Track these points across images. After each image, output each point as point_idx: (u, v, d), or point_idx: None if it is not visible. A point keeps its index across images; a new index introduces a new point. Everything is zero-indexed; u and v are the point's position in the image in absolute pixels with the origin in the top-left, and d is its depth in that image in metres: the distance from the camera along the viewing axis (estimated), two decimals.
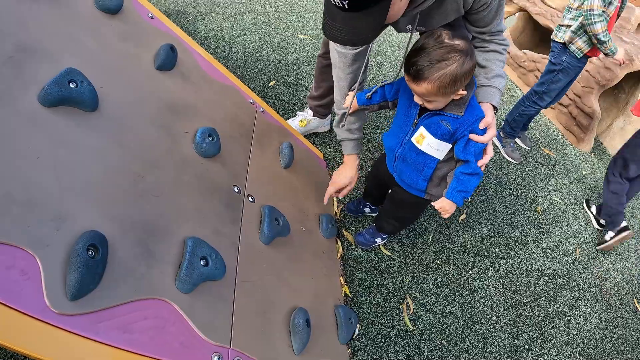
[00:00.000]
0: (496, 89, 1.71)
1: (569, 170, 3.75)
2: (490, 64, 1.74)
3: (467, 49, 1.43)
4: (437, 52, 1.40)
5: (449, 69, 1.40)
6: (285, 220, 1.81)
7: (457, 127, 1.57)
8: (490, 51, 1.75)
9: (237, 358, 1.32)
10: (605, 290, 2.81)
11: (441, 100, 1.52)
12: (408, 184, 1.86)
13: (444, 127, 1.59)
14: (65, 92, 1.30)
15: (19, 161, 1.12)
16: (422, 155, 1.70)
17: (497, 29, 1.69)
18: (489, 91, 1.71)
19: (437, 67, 1.40)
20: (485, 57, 1.76)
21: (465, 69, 1.43)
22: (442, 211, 1.69)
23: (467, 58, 1.42)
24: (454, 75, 1.41)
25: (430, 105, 1.54)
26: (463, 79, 1.45)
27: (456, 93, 1.51)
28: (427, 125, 1.63)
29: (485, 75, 1.74)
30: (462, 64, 1.41)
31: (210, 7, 3.84)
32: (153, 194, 1.39)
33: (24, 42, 1.35)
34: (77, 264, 1.05)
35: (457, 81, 1.43)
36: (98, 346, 1.04)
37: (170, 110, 1.67)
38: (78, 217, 1.15)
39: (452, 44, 1.41)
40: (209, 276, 1.34)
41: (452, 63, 1.40)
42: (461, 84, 1.47)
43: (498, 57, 1.76)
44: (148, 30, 1.86)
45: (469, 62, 1.43)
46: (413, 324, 2.12)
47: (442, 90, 1.44)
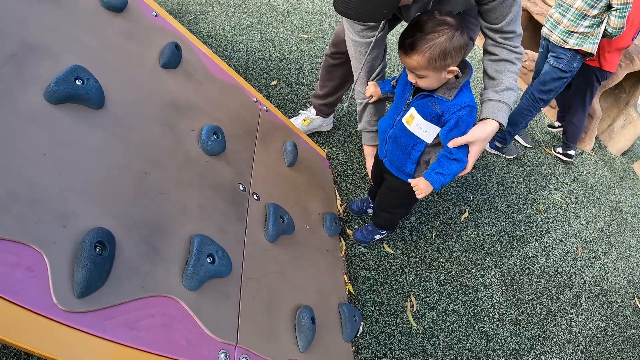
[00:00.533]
0: (504, 104, 1.68)
1: (570, 169, 3.75)
2: (501, 76, 1.72)
3: (458, 25, 1.46)
4: (427, 25, 1.44)
5: (438, 41, 1.43)
6: (290, 218, 1.82)
7: (445, 110, 1.58)
8: (501, 60, 1.71)
9: (244, 355, 1.32)
10: (607, 289, 2.81)
11: (432, 76, 1.52)
12: (397, 167, 1.86)
13: (432, 109, 1.60)
14: (71, 89, 1.30)
15: (24, 158, 1.12)
16: (411, 137, 1.71)
17: (510, 28, 1.65)
18: (496, 106, 1.68)
19: (427, 39, 1.43)
20: (496, 68, 1.73)
21: (455, 43, 1.45)
22: (416, 190, 1.70)
23: (456, 32, 1.45)
24: (443, 48, 1.43)
25: (423, 82, 1.55)
26: (453, 53, 1.46)
27: (448, 70, 1.50)
28: (418, 106, 1.64)
29: (495, 88, 1.72)
30: (452, 37, 1.44)
31: (212, 7, 3.84)
32: (158, 192, 1.39)
33: (28, 40, 1.35)
34: (84, 260, 1.05)
35: (446, 55, 1.45)
36: (105, 344, 1.04)
37: (175, 108, 1.67)
38: (84, 214, 1.16)
39: (443, 19, 1.45)
40: (216, 273, 1.35)
41: (441, 35, 1.43)
42: (452, 60, 1.48)
43: (510, 67, 1.72)
44: (153, 28, 1.86)
45: (459, 37, 1.46)
46: (417, 322, 2.12)
47: (432, 63, 1.46)
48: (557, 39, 3.07)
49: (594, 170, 3.89)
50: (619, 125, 4.27)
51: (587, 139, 4.06)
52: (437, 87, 1.58)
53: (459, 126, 1.58)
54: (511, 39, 1.68)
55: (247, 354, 1.33)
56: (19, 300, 0.94)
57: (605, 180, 3.83)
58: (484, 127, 1.63)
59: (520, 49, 1.71)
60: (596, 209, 3.46)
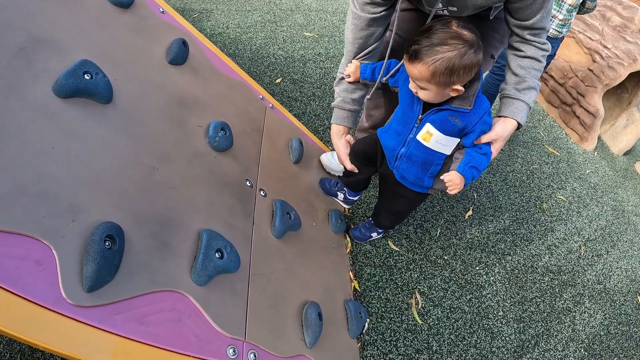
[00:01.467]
0: (525, 103, 1.61)
1: (572, 168, 3.75)
2: (525, 73, 1.62)
3: (474, 42, 1.34)
4: (440, 35, 1.32)
5: (447, 55, 1.31)
6: (296, 214, 1.82)
7: (467, 122, 1.49)
8: (527, 57, 1.62)
9: (252, 351, 1.32)
10: (609, 287, 2.81)
11: (433, 91, 1.41)
12: (411, 182, 1.77)
13: (453, 123, 1.50)
14: (80, 83, 1.30)
15: (33, 152, 1.12)
16: (430, 153, 1.62)
17: (541, 25, 1.54)
18: (516, 105, 1.61)
19: (435, 50, 1.31)
20: (520, 64, 1.63)
21: (466, 61, 1.33)
22: (450, 185, 1.55)
23: (470, 50, 1.33)
24: (451, 64, 1.32)
25: (422, 94, 1.45)
26: (461, 72, 1.34)
27: (452, 87, 1.39)
28: (434, 122, 1.53)
29: (516, 85, 1.63)
30: (463, 54, 1.32)
31: (216, 5, 3.83)
32: (167, 187, 1.40)
33: (37, 34, 1.35)
34: (94, 254, 1.05)
35: (453, 72, 1.33)
36: (115, 338, 1.04)
37: (182, 104, 1.67)
38: (93, 208, 1.16)
39: (459, 32, 1.33)
40: (224, 269, 1.35)
41: (452, 50, 1.31)
42: (458, 78, 1.36)
43: (535, 65, 1.62)
44: (159, 24, 1.86)
45: (472, 56, 1.34)
46: (422, 319, 2.13)
47: (435, 77, 1.35)
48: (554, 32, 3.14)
49: (597, 170, 3.89)
50: (621, 124, 4.27)
51: (590, 138, 4.05)
52: (439, 102, 1.49)
53: (487, 128, 1.55)
54: (540, 34, 1.59)
55: (255, 350, 1.34)
56: (27, 294, 0.94)
57: (607, 180, 3.83)
58: (505, 126, 1.58)
59: (548, 45, 1.62)
60: (599, 208, 3.46)
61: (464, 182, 1.55)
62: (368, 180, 2.14)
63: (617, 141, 4.28)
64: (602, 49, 3.99)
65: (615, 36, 4.02)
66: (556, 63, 4.34)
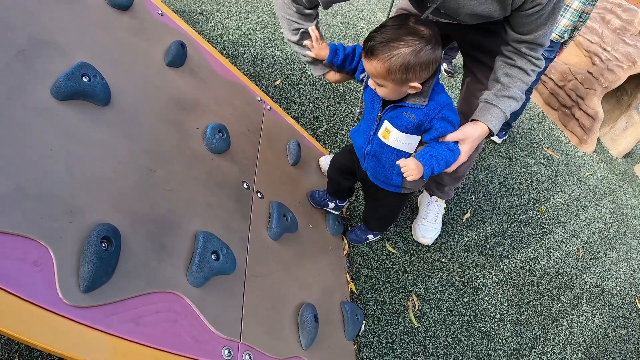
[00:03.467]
0: (501, 111, 1.58)
1: (571, 171, 3.76)
2: (509, 82, 1.60)
3: (432, 38, 1.30)
4: (396, 31, 1.29)
5: (402, 52, 1.27)
6: (293, 216, 1.83)
7: (423, 119, 1.46)
8: (516, 67, 1.60)
9: (247, 352, 1.33)
10: (607, 290, 2.82)
11: (390, 88, 1.38)
12: (382, 181, 1.76)
13: (408, 120, 1.47)
14: (78, 85, 1.31)
15: (31, 154, 1.13)
16: (392, 150, 1.59)
17: (541, 41, 1.53)
18: (491, 111, 1.59)
19: (390, 47, 1.28)
20: (507, 72, 1.61)
21: (422, 58, 1.29)
22: (404, 170, 1.46)
23: (427, 47, 1.29)
24: (406, 61, 1.28)
25: (380, 91, 1.42)
26: (417, 68, 1.31)
27: (409, 85, 1.36)
28: (391, 119, 1.51)
29: (497, 92, 1.61)
30: (419, 50, 1.28)
31: (216, 6, 3.85)
32: (164, 189, 1.40)
33: (36, 36, 1.36)
34: (90, 256, 1.05)
35: (409, 69, 1.30)
36: (111, 339, 1.05)
37: (180, 106, 1.68)
38: (90, 210, 1.16)
39: (415, 27, 1.29)
40: (220, 270, 1.36)
41: (407, 46, 1.27)
42: (415, 75, 1.33)
43: (523, 77, 1.60)
44: (158, 26, 1.87)
45: (429, 52, 1.30)
46: (418, 321, 2.13)
47: (391, 74, 1.32)
48: (557, 37, 3.16)
49: (596, 172, 3.90)
50: (621, 127, 4.28)
51: (589, 140, 4.06)
52: (398, 99, 1.46)
53: (447, 125, 1.48)
54: (536, 50, 1.57)
55: (251, 351, 1.34)
56: (25, 295, 0.94)
57: (606, 182, 3.83)
58: (475, 127, 1.56)
59: (541, 62, 1.60)
60: (597, 210, 3.46)
61: (422, 170, 1.45)
62: (352, 188, 2.17)
63: (616, 144, 4.29)
64: (601, 52, 4.00)
65: (615, 39, 4.03)
66: (555, 65, 4.35)
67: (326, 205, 2.23)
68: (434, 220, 2.52)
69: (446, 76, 4.36)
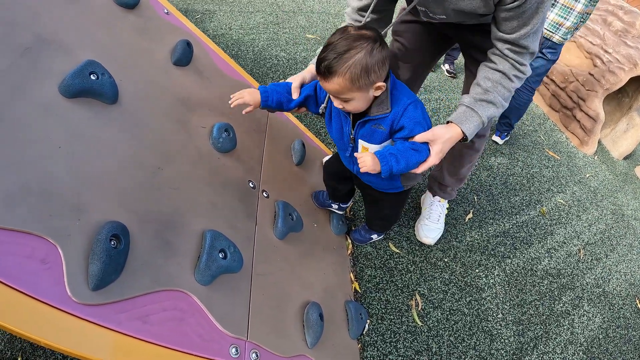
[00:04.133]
0: (477, 115, 1.55)
1: (572, 172, 3.76)
2: (490, 86, 1.55)
3: (376, 37, 1.33)
4: (342, 43, 1.30)
5: (357, 57, 1.29)
6: (298, 215, 1.83)
7: (391, 124, 1.46)
8: (497, 71, 1.55)
9: (254, 350, 1.33)
10: (608, 291, 2.82)
11: (359, 97, 1.39)
12: (384, 188, 1.79)
13: (379, 131, 1.49)
14: (86, 83, 1.31)
15: (39, 151, 1.13)
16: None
17: (524, 42, 1.46)
18: (467, 115, 1.56)
19: (345, 58, 1.29)
20: (488, 76, 1.56)
21: (377, 57, 1.32)
22: (360, 162, 1.46)
23: (375, 45, 1.32)
24: (364, 64, 1.30)
25: (350, 106, 1.42)
26: (377, 67, 1.33)
27: (374, 86, 1.38)
28: (364, 137, 1.54)
29: (475, 95, 1.57)
30: (371, 50, 1.30)
31: (219, 6, 3.85)
32: (171, 187, 1.41)
33: (42, 34, 1.36)
34: (100, 253, 1.05)
35: (369, 71, 1.32)
36: (119, 336, 1.05)
37: (187, 105, 1.69)
38: (98, 208, 1.17)
39: (358, 33, 1.32)
40: (227, 269, 1.36)
41: (359, 51, 1.29)
42: (376, 75, 1.35)
43: (504, 81, 1.54)
44: (164, 25, 1.88)
45: (380, 50, 1.32)
46: (421, 321, 2.14)
47: (355, 82, 1.32)
48: (560, 39, 3.16)
49: (597, 174, 3.90)
50: (622, 129, 4.28)
51: (590, 142, 4.06)
52: (367, 107, 1.46)
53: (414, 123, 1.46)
54: (521, 54, 1.51)
55: (257, 349, 1.35)
56: (32, 292, 0.94)
57: (607, 184, 3.84)
58: (447, 129, 1.52)
59: (526, 69, 1.55)
60: (598, 212, 3.47)
61: (378, 166, 1.44)
62: (352, 190, 2.16)
63: (617, 145, 4.29)
64: (603, 54, 4.00)
65: (617, 41, 4.03)
66: (557, 67, 4.36)
67: (330, 206, 2.24)
68: (437, 220, 2.53)
69: (448, 77, 4.36)
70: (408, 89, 1.52)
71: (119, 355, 1.02)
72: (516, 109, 3.57)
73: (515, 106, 3.56)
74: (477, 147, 2.27)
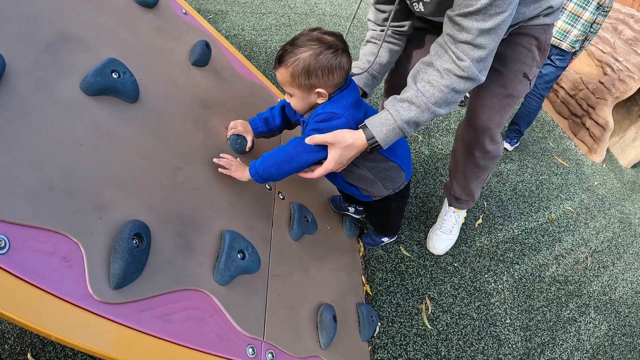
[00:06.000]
0: (389, 115, 1.39)
1: (581, 180, 3.77)
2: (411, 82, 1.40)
3: (335, 44, 1.34)
4: (301, 39, 1.35)
5: (303, 56, 1.32)
6: (313, 218, 1.84)
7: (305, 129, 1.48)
8: (428, 64, 1.38)
9: (270, 351, 1.34)
10: (615, 299, 2.83)
11: (298, 95, 1.42)
12: (359, 196, 1.80)
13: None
14: (108, 81, 1.31)
15: (61, 148, 1.13)
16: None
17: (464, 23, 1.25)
18: (380, 117, 1.41)
19: (294, 53, 1.33)
20: (414, 72, 1.42)
21: (322, 61, 1.32)
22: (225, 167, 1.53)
23: (327, 51, 1.33)
24: (306, 65, 1.32)
25: (291, 101, 1.46)
26: (319, 72, 1.34)
27: (315, 91, 1.39)
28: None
29: (396, 97, 1.42)
30: (318, 54, 1.32)
31: (231, 7, 3.86)
32: (191, 187, 1.41)
33: (64, 30, 1.35)
34: (122, 252, 1.05)
35: (310, 73, 1.33)
36: (140, 335, 1.05)
37: (205, 105, 1.69)
38: (120, 206, 1.17)
39: (320, 36, 1.35)
40: (246, 269, 1.37)
41: (307, 50, 1.32)
42: (318, 80, 1.35)
43: (433, 77, 1.35)
44: (182, 25, 1.88)
45: (330, 56, 1.33)
46: (431, 324, 2.15)
47: (295, 79, 1.35)
48: (569, 46, 3.19)
49: (605, 182, 3.91)
50: (630, 137, 4.28)
51: (599, 150, 4.06)
52: (307, 111, 1.49)
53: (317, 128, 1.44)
54: (460, 44, 1.30)
55: (273, 350, 1.35)
56: (54, 290, 0.94)
57: (615, 192, 3.84)
58: (351, 134, 1.41)
59: (464, 64, 1.31)
60: (606, 219, 3.47)
61: (245, 170, 1.53)
62: None
63: (625, 154, 4.29)
64: (613, 62, 4.01)
65: (627, 49, 4.04)
66: (567, 74, 4.36)
67: (346, 209, 2.27)
68: (449, 231, 2.50)
69: None
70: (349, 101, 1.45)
71: (139, 354, 1.03)
72: (526, 115, 3.59)
73: (525, 113, 3.58)
74: (482, 164, 2.11)
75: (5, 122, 1.05)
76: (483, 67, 1.34)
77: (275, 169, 1.48)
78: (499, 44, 1.35)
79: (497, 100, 1.81)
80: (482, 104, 1.84)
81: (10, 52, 1.15)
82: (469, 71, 1.31)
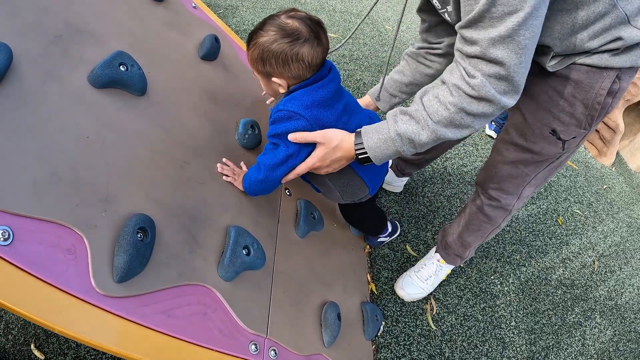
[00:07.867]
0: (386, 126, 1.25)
1: (590, 183, 3.74)
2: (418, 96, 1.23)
3: (294, 33, 1.24)
4: (266, 23, 1.28)
5: (259, 41, 1.26)
6: (319, 215, 1.83)
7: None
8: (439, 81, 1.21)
9: (273, 348, 1.33)
10: (621, 304, 2.81)
11: (262, 80, 1.40)
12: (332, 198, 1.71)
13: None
14: (115, 74, 1.31)
15: (67, 140, 1.13)
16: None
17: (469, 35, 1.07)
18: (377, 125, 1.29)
19: (254, 37, 1.29)
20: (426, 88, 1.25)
21: (274, 49, 1.24)
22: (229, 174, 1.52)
23: (283, 40, 1.24)
24: (261, 51, 1.26)
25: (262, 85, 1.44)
26: (273, 61, 1.27)
27: (272, 79, 1.33)
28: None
29: (402, 108, 1.26)
30: (272, 42, 1.24)
31: (241, 2, 3.83)
32: (197, 181, 1.41)
33: (73, 22, 1.35)
34: (126, 246, 1.05)
35: (264, 60, 1.28)
36: (142, 330, 1.05)
37: (213, 99, 1.69)
38: (125, 199, 1.17)
39: (283, 21, 1.25)
40: (251, 265, 1.36)
41: (263, 36, 1.25)
42: (271, 68, 1.29)
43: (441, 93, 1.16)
44: (192, 19, 1.88)
45: (284, 45, 1.24)
46: (436, 325, 2.14)
47: (253, 64, 1.33)
48: None
49: (614, 186, 3.88)
50: None
51: (609, 153, 4.03)
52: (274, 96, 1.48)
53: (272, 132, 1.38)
54: (472, 58, 1.09)
55: (276, 347, 1.35)
56: (56, 282, 0.94)
57: (624, 196, 3.81)
58: (341, 134, 1.33)
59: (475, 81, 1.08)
60: (614, 224, 3.44)
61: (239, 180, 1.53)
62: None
63: (635, 157, 4.25)
64: None
65: None
66: None
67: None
68: (424, 280, 2.15)
69: None
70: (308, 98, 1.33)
71: (141, 348, 1.03)
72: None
73: None
74: (490, 215, 1.84)
75: (12, 113, 1.04)
76: (505, 88, 1.09)
77: (257, 187, 1.48)
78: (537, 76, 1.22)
79: (513, 154, 1.56)
80: (497, 149, 1.65)
81: (18, 43, 1.15)
82: (481, 90, 1.08)
